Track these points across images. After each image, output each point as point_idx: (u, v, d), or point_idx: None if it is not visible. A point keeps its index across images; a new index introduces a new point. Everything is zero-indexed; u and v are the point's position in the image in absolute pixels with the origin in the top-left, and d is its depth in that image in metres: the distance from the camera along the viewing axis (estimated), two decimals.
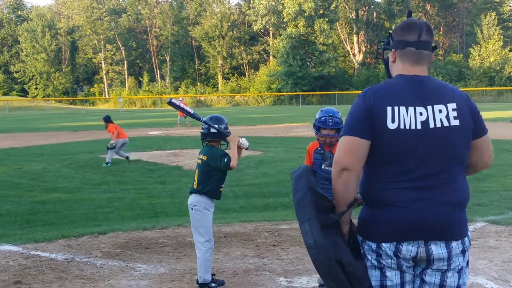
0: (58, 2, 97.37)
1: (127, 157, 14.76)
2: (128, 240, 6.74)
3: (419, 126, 2.50)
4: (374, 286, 2.58)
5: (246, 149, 5.11)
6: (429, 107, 2.53)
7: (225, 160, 4.88)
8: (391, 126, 2.49)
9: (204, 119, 5.12)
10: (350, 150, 2.53)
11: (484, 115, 2.80)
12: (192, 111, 5.25)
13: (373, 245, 2.56)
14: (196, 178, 5.02)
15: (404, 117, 2.50)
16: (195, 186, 5.02)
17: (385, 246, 2.52)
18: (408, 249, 2.51)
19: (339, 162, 2.54)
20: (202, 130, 5.10)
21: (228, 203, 9.04)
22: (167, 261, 5.89)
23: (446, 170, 2.53)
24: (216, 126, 4.98)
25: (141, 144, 19.67)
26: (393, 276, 2.55)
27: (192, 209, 4.98)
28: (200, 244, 4.94)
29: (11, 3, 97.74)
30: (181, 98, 31.40)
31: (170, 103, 5.10)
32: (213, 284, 4.96)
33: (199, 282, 4.94)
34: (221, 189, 5.05)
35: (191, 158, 14.96)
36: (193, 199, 5.00)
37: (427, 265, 2.55)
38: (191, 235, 5.38)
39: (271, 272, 5.45)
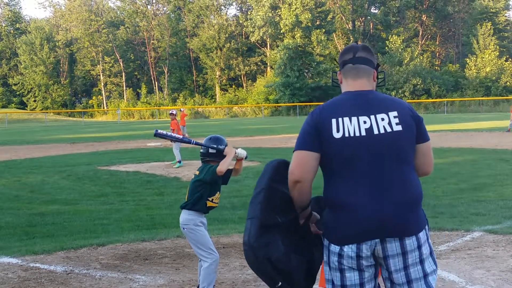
0: (56, 15, 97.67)
1: (179, 161, 16.22)
2: (127, 252, 6.75)
3: (363, 133, 2.77)
4: (336, 285, 2.84)
5: (245, 158, 5.10)
6: (372, 116, 2.80)
7: (212, 169, 4.84)
8: (336, 135, 2.77)
9: (195, 141, 5.12)
10: (301, 164, 2.82)
11: (481, 125, 2.95)
12: (180, 137, 5.26)
13: (336, 248, 2.79)
14: (187, 193, 5.05)
15: (348, 126, 2.78)
16: (185, 200, 5.03)
17: (346, 248, 2.75)
18: (367, 248, 2.74)
19: (292, 175, 2.84)
20: (201, 150, 5.08)
21: (227, 214, 9.07)
22: (166, 272, 5.90)
23: (396, 172, 2.77)
24: (210, 144, 4.97)
25: (140, 155, 19.69)
26: (352, 277, 2.79)
27: (183, 228, 4.96)
28: (203, 257, 4.92)
29: (9, 16, 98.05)
30: (182, 109, 31.42)
31: (157, 134, 4.95)
32: None
33: None
34: (210, 203, 4.95)
35: (189, 170, 14.99)
36: (182, 218, 4.96)
37: (385, 263, 2.78)
38: (190, 246, 5.40)
39: None
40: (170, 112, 18.18)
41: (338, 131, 2.77)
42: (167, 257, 6.48)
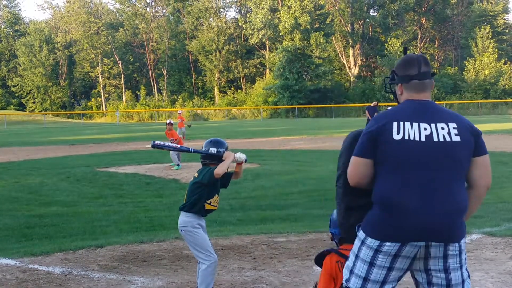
0: (55, 17, 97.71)
1: (177, 165, 16.18)
2: (125, 253, 6.74)
3: (423, 139, 2.85)
4: (359, 275, 2.92)
5: (245, 161, 5.10)
6: (433, 124, 2.89)
7: (210, 171, 4.84)
8: (396, 137, 2.86)
9: (193, 149, 5.13)
10: (355, 169, 2.97)
11: (480, 127, 2.98)
12: (178, 146, 5.31)
13: (375, 244, 2.84)
14: (185, 195, 5.04)
15: (409, 130, 2.87)
16: (184, 202, 5.02)
17: (388, 245, 2.80)
18: (410, 250, 2.80)
19: (350, 179, 3.03)
20: (201, 150, 5.09)
21: (225, 216, 9.06)
22: (164, 274, 5.89)
23: (449, 180, 2.84)
24: (210, 147, 4.98)
25: (138, 157, 19.69)
26: (378, 273, 2.88)
27: (181, 231, 4.96)
28: (201, 259, 4.93)
29: (9, 17, 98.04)
30: (179, 112, 31.45)
31: (155, 145, 5.04)
32: None
33: None
34: (208, 206, 4.94)
35: (188, 172, 14.99)
36: (180, 220, 4.97)
37: (425, 262, 2.87)
38: (188, 248, 5.40)
39: (268, 284, 5.46)
40: (168, 121, 18.10)
41: (398, 133, 2.86)
42: (166, 259, 6.47)
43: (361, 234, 2.94)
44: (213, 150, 4.97)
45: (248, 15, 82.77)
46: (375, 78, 71.71)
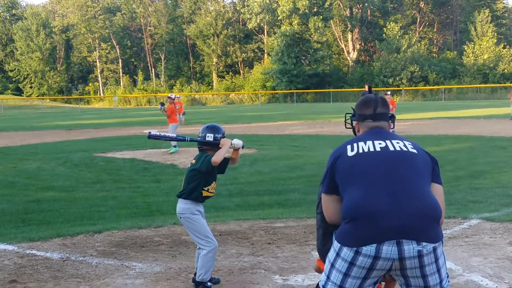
0: (52, 1, 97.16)
1: (174, 146, 16.25)
2: (123, 239, 6.73)
3: (378, 149, 2.95)
4: (334, 282, 2.91)
5: (242, 147, 5.06)
6: (387, 140, 3.01)
7: (208, 158, 4.81)
8: (350, 153, 2.97)
9: (189, 137, 5.10)
10: (326, 207, 3.07)
11: (478, 112, 2.97)
12: (174, 136, 5.29)
13: (349, 256, 2.81)
14: (183, 181, 5.01)
15: (363, 146, 2.98)
16: (181, 188, 5.00)
17: (361, 259, 2.78)
18: (384, 263, 2.78)
19: (326, 217, 3.11)
20: (198, 138, 5.05)
21: (223, 202, 9.05)
22: (163, 259, 5.88)
23: (412, 181, 2.85)
24: (206, 133, 4.95)
25: (136, 142, 19.64)
26: (353, 283, 2.87)
27: (180, 217, 4.95)
28: (201, 245, 4.92)
29: (6, 2, 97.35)
30: (178, 96, 31.36)
31: (151, 136, 5.07)
32: (209, 283, 4.94)
33: (197, 279, 4.92)
34: (205, 193, 4.92)
35: (186, 157, 14.96)
36: (179, 207, 4.95)
37: (402, 273, 2.84)
38: (187, 234, 5.39)
39: (266, 270, 5.45)
40: (169, 96, 18.14)
41: (352, 150, 2.98)
42: (164, 244, 6.46)
43: (336, 244, 2.92)
44: (209, 135, 4.93)
45: None
46: (374, 62, 71.54)
